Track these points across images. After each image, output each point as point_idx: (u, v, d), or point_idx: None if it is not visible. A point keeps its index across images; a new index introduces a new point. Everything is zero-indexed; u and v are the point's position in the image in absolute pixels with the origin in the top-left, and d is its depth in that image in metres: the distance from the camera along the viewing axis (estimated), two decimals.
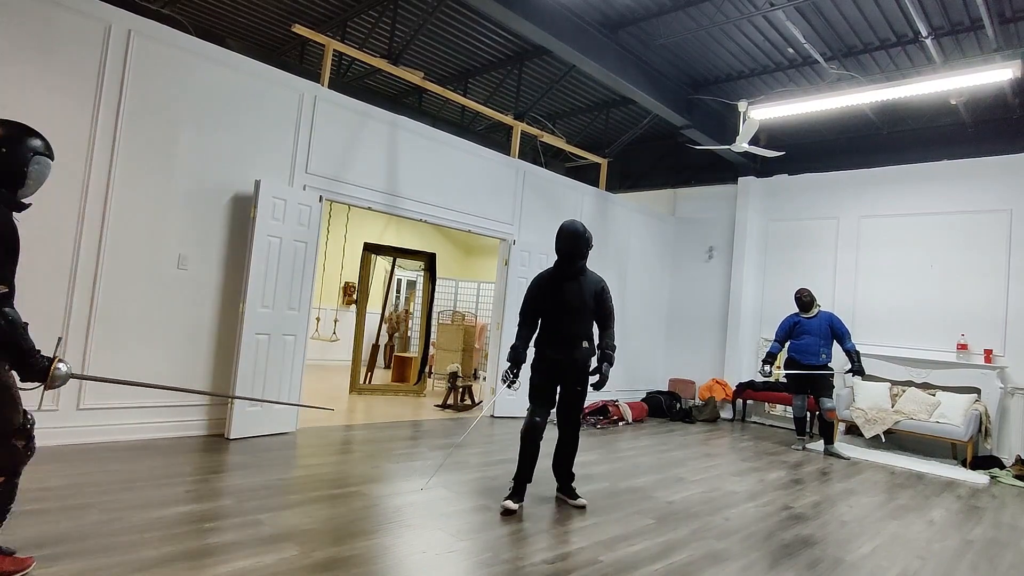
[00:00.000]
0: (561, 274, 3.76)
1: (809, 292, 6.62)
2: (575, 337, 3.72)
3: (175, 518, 2.92)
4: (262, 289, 4.80)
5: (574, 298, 3.71)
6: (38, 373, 2.32)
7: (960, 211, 7.07)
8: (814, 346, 6.41)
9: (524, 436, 3.67)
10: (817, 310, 6.57)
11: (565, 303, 3.71)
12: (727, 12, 5.82)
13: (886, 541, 3.62)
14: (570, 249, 3.70)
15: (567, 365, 3.73)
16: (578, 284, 3.74)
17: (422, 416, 6.55)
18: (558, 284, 3.74)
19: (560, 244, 3.74)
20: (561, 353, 3.72)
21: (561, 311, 3.72)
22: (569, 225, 3.73)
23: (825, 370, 6.39)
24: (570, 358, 3.72)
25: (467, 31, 6.92)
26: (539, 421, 3.65)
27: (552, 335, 3.75)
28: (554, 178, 7.75)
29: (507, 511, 3.47)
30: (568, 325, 3.72)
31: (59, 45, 3.99)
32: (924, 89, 5.65)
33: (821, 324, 6.46)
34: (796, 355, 6.52)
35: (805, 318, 6.57)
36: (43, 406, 3.94)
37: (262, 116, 4.97)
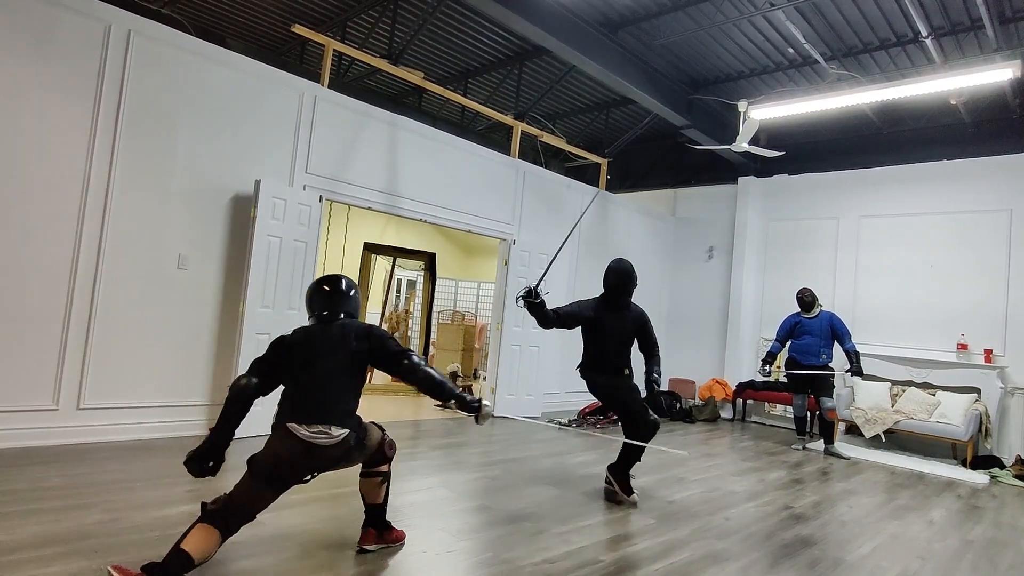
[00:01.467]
0: (609, 307, 4.01)
1: (811, 292, 6.60)
2: (619, 366, 4.03)
3: (175, 518, 2.91)
4: (262, 289, 4.80)
5: (617, 331, 4.00)
6: (469, 408, 2.75)
7: (960, 211, 7.07)
8: (814, 346, 6.40)
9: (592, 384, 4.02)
10: (818, 310, 6.55)
11: (610, 331, 3.98)
12: (727, 12, 5.82)
13: (886, 541, 3.62)
14: (620, 286, 4.01)
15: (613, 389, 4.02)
16: (622, 317, 4.02)
17: (422, 416, 6.55)
18: (605, 313, 3.98)
19: (610, 280, 4.02)
20: (607, 376, 4.02)
21: (606, 341, 3.98)
22: (618, 264, 4.05)
23: (825, 370, 6.38)
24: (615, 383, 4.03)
25: (467, 31, 6.92)
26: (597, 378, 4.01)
27: (597, 363, 4.03)
28: (554, 178, 7.75)
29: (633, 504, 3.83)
30: (612, 355, 4.00)
31: (59, 45, 3.99)
32: (924, 89, 5.65)
33: (822, 324, 6.45)
34: (796, 355, 6.51)
35: (806, 318, 6.55)
36: (43, 406, 3.98)
37: (262, 116, 4.97)
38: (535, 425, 6.19)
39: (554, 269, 7.41)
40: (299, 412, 2.51)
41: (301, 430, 2.46)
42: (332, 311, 2.68)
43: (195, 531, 2.22)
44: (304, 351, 2.58)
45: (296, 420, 2.48)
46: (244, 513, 2.36)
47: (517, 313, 6.89)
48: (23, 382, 3.89)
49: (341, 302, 2.71)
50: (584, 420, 6.88)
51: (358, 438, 2.69)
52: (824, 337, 6.42)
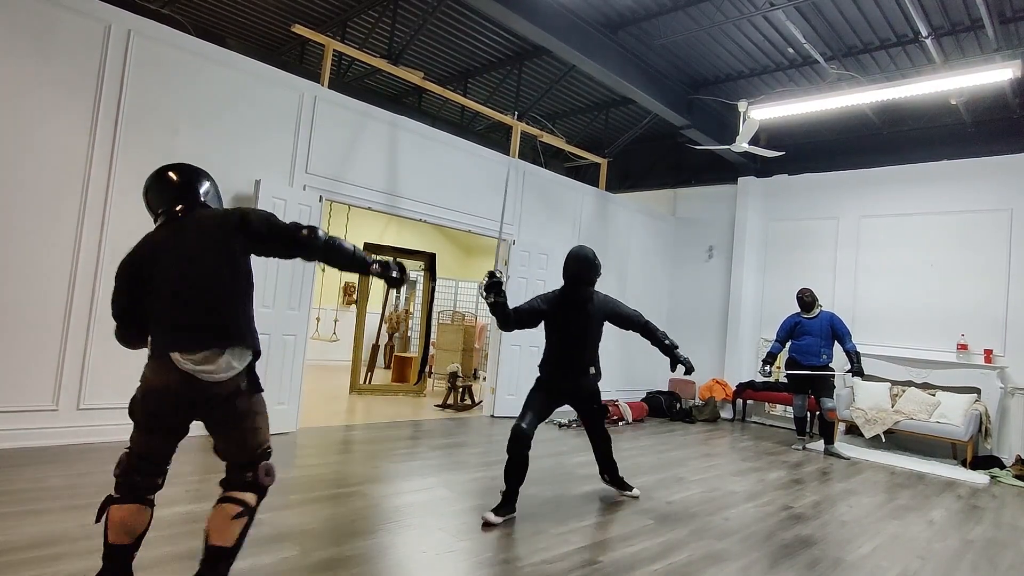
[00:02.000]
0: (568, 300, 3.63)
1: (811, 292, 6.58)
2: (582, 365, 3.70)
3: (175, 518, 2.92)
4: (262, 289, 4.79)
5: (579, 324, 3.64)
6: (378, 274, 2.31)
7: (960, 211, 7.07)
8: (815, 347, 6.38)
9: (510, 448, 3.44)
10: (818, 310, 6.54)
11: (572, 328, 3.63)
12: (727, 12, 5.82)
13: (886, 541, 3.62)
14: (579, 274, 3.59)
15: (574, 392, 3.76)
16: (584, 310, 3.64)
17: (422, 416, 6.55)
18: (566, 308, 3.63)
19: (570, 269, 3.62)
20: (568, 381, 3.71)
21: (567, 338, 3.65)
22: (578, 251, 3.65)
23: (826, 370, 6.36)
24: (576, 385, 3.74)
25: (467, 31, 6.92)
26: (524, 427, 3.45)
27: (558, 361, 3.68)
28: (554, 178, 7.75)
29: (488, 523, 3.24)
30: (575, 352, 3.67)
31: (59, 45, 3.99)
32: (924, 89, 5.64)
33: (822, 324, 6.43)
34: (797, 355, 6.49)
35: (806, 318, 6.53)
36: (43, 406, 3.97)
37: (262, 116, 4.96)
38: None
39: (554, 269, 7.44)
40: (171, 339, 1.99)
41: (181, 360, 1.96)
42: (186, 203, 2.10)
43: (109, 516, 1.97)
44: (154, 264, 2.02)
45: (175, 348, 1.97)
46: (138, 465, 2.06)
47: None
48: (23, 382, 3.89)
49: (193, 189, 2.14)
50: None
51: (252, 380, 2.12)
52: (824, 337, 6.39)
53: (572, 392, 3.77)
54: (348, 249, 2.16)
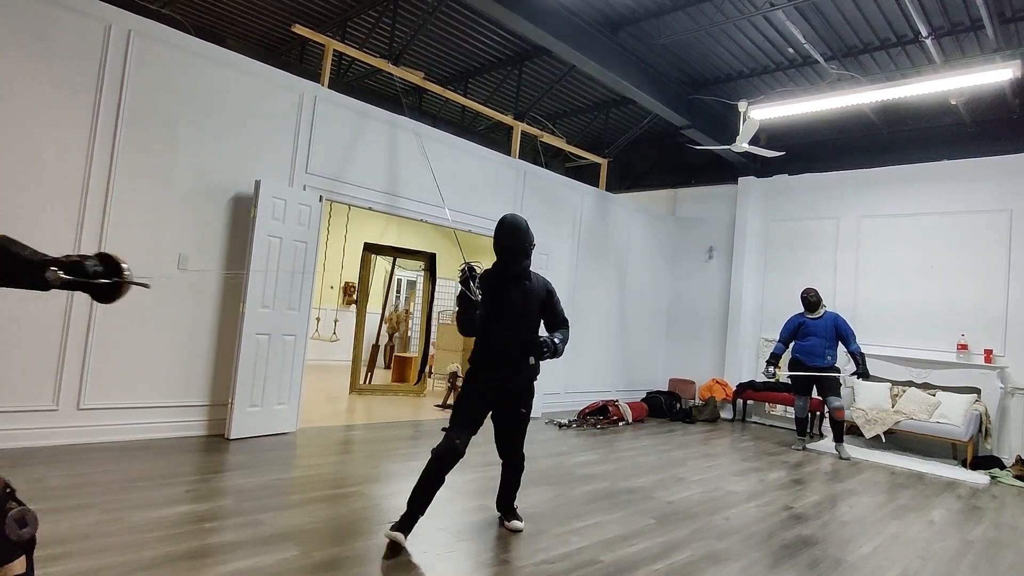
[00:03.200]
0: (503, 278, 3.14)
1: (816, 292, 6.51)
2: (518, 354, 3.13)
3: (175, 518, 2.92)
4: (262, 289, 4.80)
5: (518, 307, 3.13)
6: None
7: (960, 211, 7.07)
8: (819, 347, 6.31)
9: (436, 460, 2.95)
10: (823, 311, 6.47)
11: (510, 308, 3.11)
12: (727, 12, 5.82)
13: (886, 541, 3.62)
14: (512, 245, 3.10)
15: (507, 390, 3.16)
16: (523, 289, 3.15)
17: (422, 416, 6.54)
18: (501, 287, 3.12)
19: (501, 240, 3.11)
20: (502, 376, 3.12)
21: (501, 323, 3.09)
22: (511, 219, 3.14)
23: (831, 371, 6.30)
24: (511, 383, 3.15)
25: (467, 31, 6.92)
26: (459, 444, 2.97)
27: (491, 352, 3.12)
28: (554, 178, 7.75)
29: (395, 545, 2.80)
30: (510, 339, 3.11)
31: (59, 45, 3.99)
32: (924, 89, 5.64)
33: (827, 325, 6.36)
34: (801, 356, 6.43)
35: (810, 319, 6.45)
36: (43, 406, 3.97)
37: (262, 116, 4.96)
38: (535, 425, 6.17)
39: (554, 269, 7.40)
40: None
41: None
42: None
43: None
44: None
45: None
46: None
47: None
48: (23, 382, 3.89)
49: None
50: (584, 420, 6.87)
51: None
52: (829, 338, 6.32)
53: (508, 390, 3.16)
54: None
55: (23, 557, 1.56)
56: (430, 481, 2.94)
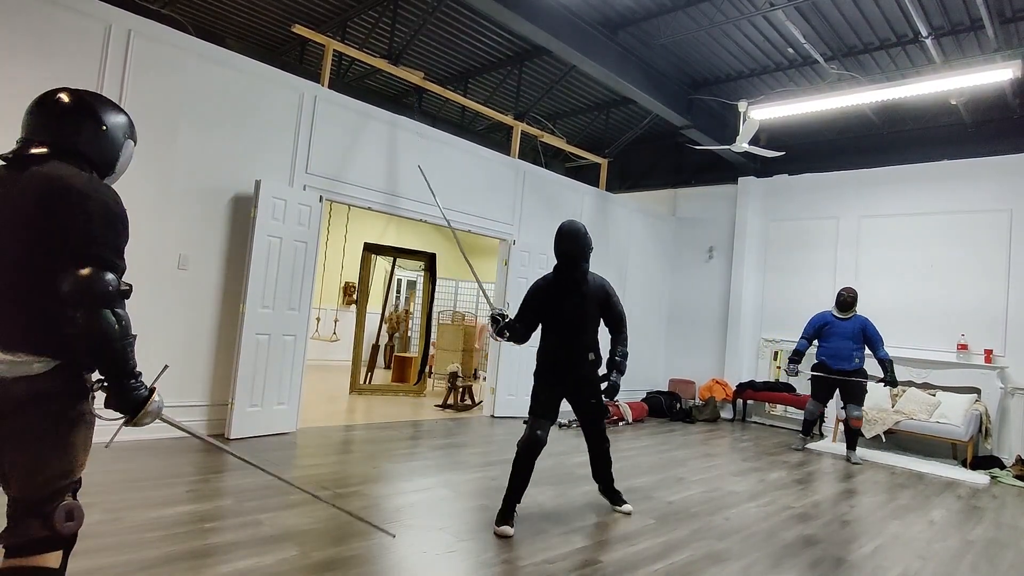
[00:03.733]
0: (563, 281, 3.45)
1: (854, 293, 6.16)
2: (581, 350, 3.47)
3: (175, 518, 2.91)
4: (262, 289, 4.80)
5: (578, 308, 3.44)
6: (130, 402, 1.60)
7: (960, 211, 7.06)
8: (846, 350, 6.01)
9: (522, 451, 3.31)
10: (853, 313, 6.12)
11: (568, 314, 3.44)
12: (727, 12, 5.82)
13: (887, 541, 3.62)
14: (572, 251, 3.40)
15: (574, 382, 3.51)
16: (581, 292, 3.45)
17: (422, 416, 6.54)
18: (560, 293, 3.45)
19: (561, 246, 3.42)
20: (567, 370, 3.47)
21: (564, 323, 3.45)
22: (569, 225, 3.43)
23: (858, 376, 5.99)
24: (577, 375, 3.49)
25: (467, 31, 6.92)
26: (540, 435, 3.32)
27: (556, 349, 3.48)
28: (554, 178, 7.75)
29: (504, 536, 3.10)
30: (573, 338, 3.46)
31: (59, 45, 3.99)
32: (924, 89, 5.65)
33: (854, 328, 6.05)
34: (827, 359, 6.12)
35: (838, 319, 6.13)
36: None
37: (262, 116, 4.96)
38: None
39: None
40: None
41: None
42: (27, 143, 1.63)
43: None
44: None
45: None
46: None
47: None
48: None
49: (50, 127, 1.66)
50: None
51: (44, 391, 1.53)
52: (856, 341, 6.02)
53: (573, 382, 3.50)
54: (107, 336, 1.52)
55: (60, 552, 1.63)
56: (522, 471, 3.30)
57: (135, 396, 1.60)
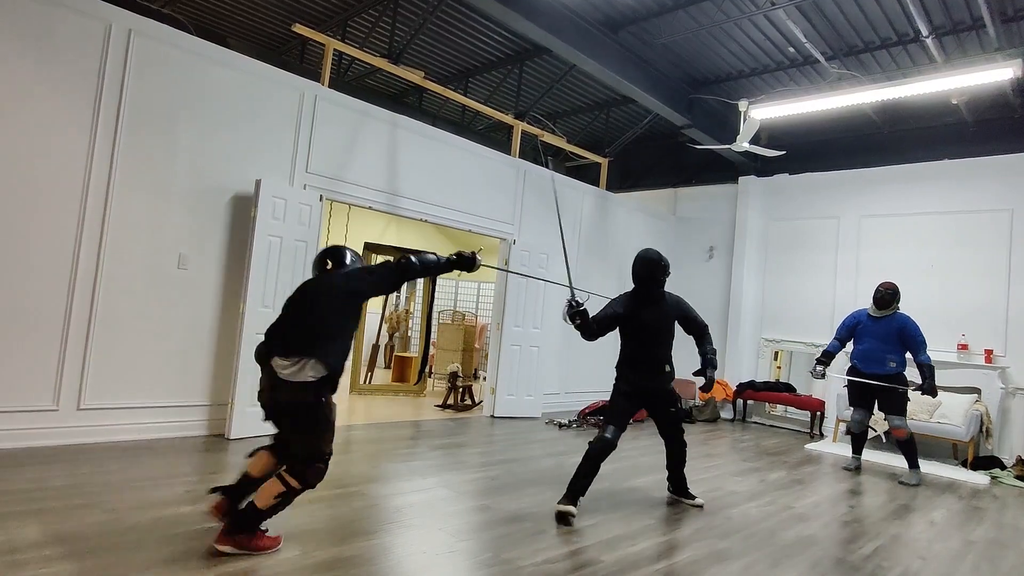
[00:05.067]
0: (639, 300, 3.85)
1: (891, 288, 5.51)
2: (657, 362, 3.83)
3: (175, 518, 2.91)
4: (262, 289, 4.80)
5: (653, 323, 3.82)
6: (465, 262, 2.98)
7: (961, 211, 7.06)
8: (878, 352, 5.42)
9: (594, 453, 3.61)
10: (892, 311, 5.48)
11: (645, 329, 3.81)
12: (728, 11, 5.81)
13: (888, 542, 3.62)
14: (643, 275, 3.81)
15: (651, 391, 3.84)
16: (657, 308, 3.83)
17: (422, 416, 6.54)
18: (637, 310, 3.82)
19: (637, 271, 3.85)
20: (644, 379, 3.82)
21: (641, 337, 3.83)
22: (644, 253, 3.87)
23: (895, 381, 5.35)
24: (652, 384, 3.83)
25: (467, 31, 6.91)
26: (610, 440, 3.63)
27: (634, 361, 3.85)
28: (555, 178, 7.73)
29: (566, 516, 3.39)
30: (649, 351, 3.83)
31: (59, 45, 3.98)
32: (925, 88, 5.64)
33: (888, 328, 5.42)
34: (858, 362, 5.56)
35: (872, 318, 5.54)
36: (43, 406, 3.97)
37: (262, 116, 4.96)
38: (535, 425, 6.19)
39: (554, 269, 7.41)
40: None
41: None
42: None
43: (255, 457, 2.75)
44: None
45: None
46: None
47: (517, 313, 6.89)
48: (23, 382, 3.89)
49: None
50: (584, 420, 6.87)
51: (304, 396, 2.58)
52: (890, 343, 5.39)
53: (650, 392, 3.85)
54: (430, 261, 2.88)
55: (300, 484, 2.59)
56: (590, 470, 3.59)
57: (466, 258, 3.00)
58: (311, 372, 2.56)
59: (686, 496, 4.05)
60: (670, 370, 3.89)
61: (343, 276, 2.78)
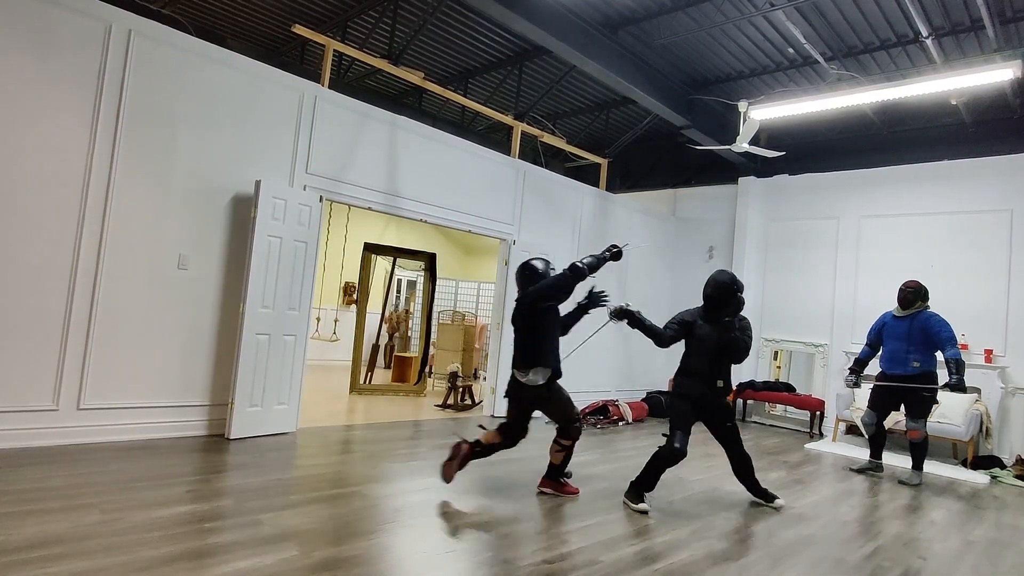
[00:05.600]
0: (706, 317, 4.03)
1: (914, 286, 5.37)
2: (710, 378, 3.98)
3: (175, 518, 2.91)
4: (262, 289, 4.80)
5: (712, 343, 3.97)
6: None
7: (960, 211, 7.06)
8: (900, 352, 5.30)
9: (665, 460, 3.84)
10: (916, 309, 5.33)
11: (702, 345, 3.99)
12: (727, 12, 5.81)
13: (887, 541, 3.62)
14: (712, 296, 3.99)
15: (708, 406, 4.01)
16: (721, 328, 3.96)
17: (422, 416, 6.54)
18: (701, 325, 4.02)
19: (706, 290, 4.04)
20: (701, 392, 3.98)
21: (700, 354, 4.01)
22: (715, 275, 4.06)
23: (920, 382, 5.20)
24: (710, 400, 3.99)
25: (467, 31, 6.92)
26: (679, 449, 3.82)
27: (688, 371, 4.05)
28: (554, 178, 7.75)
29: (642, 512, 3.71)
30: (705, 365, 3.98)
31: (59, 45, 3.98)
32: (924, 89, 5.64)
33: (912, 327, 5.28)
34: (882, 364, 5.45)
35: (896, 318, 5.43)
36: (43, 406, 3.97)
37: (262, 116, 4.96)
38: (535, 425, 6.15)
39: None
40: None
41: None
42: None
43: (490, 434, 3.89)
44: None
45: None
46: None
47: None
48: (23, 382, 3.89)
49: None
50: (584, 420, 6.87)
51: (541, 392, 3.74)
52: (913, 342, 5.25)
53: (707, 406, 4.01)
54: (585, 264, 3.99)
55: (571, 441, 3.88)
56: (656, 475, 3.87)
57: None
58: (535, 377, 3.74)
59: (766, 498, 4.16)
60: (723, 385, 4.01)
61: (523, 293, 3.79)
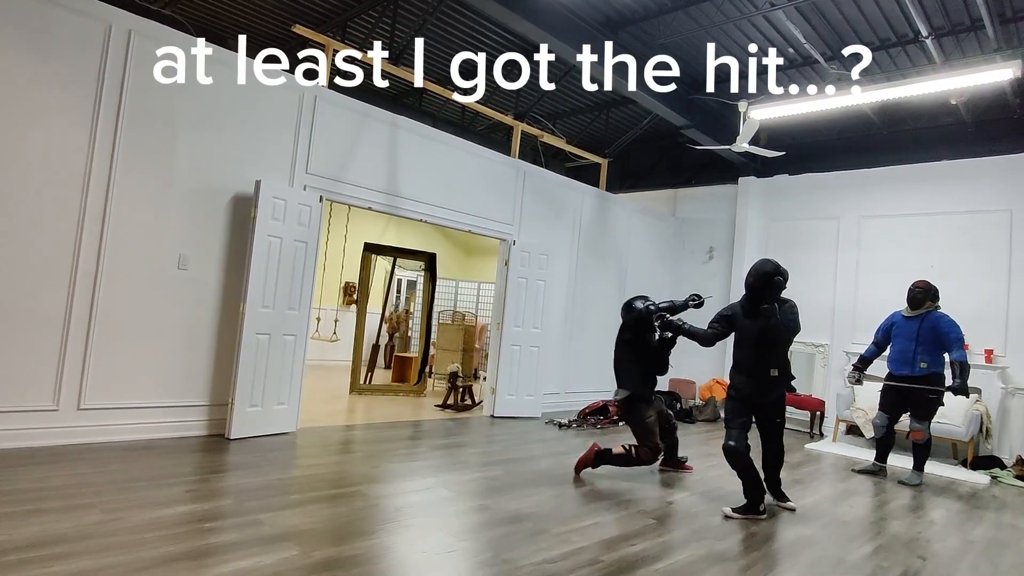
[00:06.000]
0: (747, 309, 3.96)
1: (923, 286, 5.34)
2: (763, 370, 3.90)
3: (175, 518, 2.92)
4: (262, 289, 4.80)
5: (754, 334, 3.90)
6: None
7: (961, 211, 7.06)
8: (907, 353, 5.26)
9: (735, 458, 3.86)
10: (926, 310, 5.30)
11: (747, 338, 3.94)
12: (727, 12, 5.81)
13: (887, 541, 3.62)
14: (754, 285, 3.90)
15: (759, 402, 3.99)
16: (762, 320, 3.86)
17: (422, 416, 6.54)
18: (742, 318, 3.97)
19: (747, 280, 3.97)
20: (750, 387, 3.95)
21: (747, 346, 3.94)
22: (758, 264, 3.98)
23: (927, 383, 5.16)
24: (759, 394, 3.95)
25: (467, 31, 6.92)
26: (738, 444, 3.85)
27: (739, 366, 4.01)
28: (554, 178, 7.75)
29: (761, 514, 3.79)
30: (754, 358, 3.92)
31: (59, 45, 3.98)
32: (924, 89, 5.64)
33: (922, 328, 5.24)
34: (889, 365, 5.43)
35: (906, 318, 5.39)
36: (43, 406, 3.97)
37: (262, 116, 4.96)
38: (535, 425, 6.19)
39: (554, 269, 7.39)
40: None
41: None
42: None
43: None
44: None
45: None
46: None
47: (517, 313, 6.89)
48: (23, 382, 3.89)
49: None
50: (584, 421, 6.87)
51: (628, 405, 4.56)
52: (922, 343, 5.21)
53: (758, 403, 3.99)
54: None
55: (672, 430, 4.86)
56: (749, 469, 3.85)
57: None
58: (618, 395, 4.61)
59: (781, 499, 4.16)
60: (777, 375, 3.91)
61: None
